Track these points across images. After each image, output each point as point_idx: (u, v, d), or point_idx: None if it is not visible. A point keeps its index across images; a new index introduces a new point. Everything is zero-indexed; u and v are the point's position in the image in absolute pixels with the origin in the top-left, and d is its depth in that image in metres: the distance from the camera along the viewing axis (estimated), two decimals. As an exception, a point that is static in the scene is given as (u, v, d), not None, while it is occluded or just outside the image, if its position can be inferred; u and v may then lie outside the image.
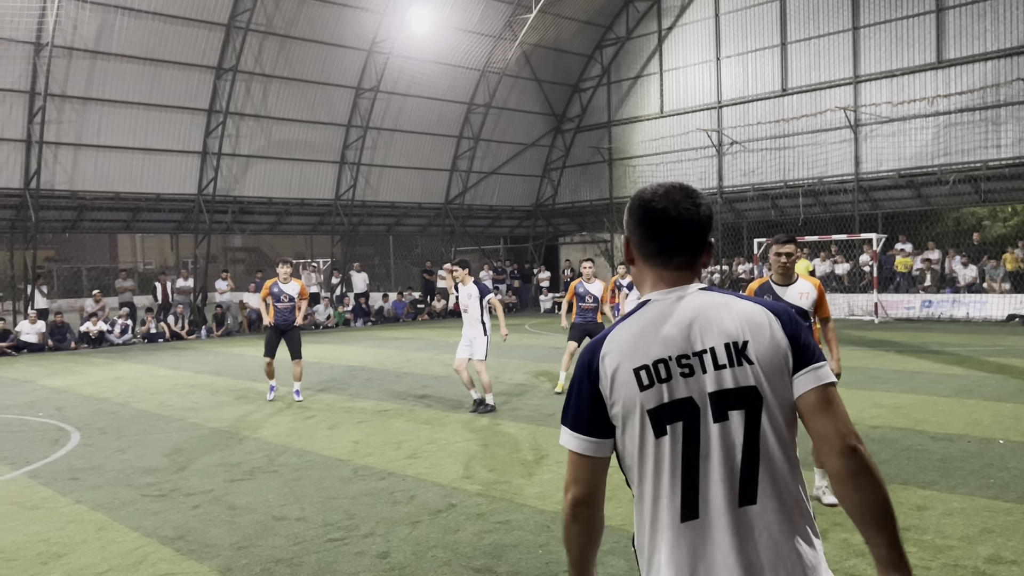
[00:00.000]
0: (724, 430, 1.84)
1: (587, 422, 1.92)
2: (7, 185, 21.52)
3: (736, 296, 1.96)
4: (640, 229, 2.00)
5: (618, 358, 1.89)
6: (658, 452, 1.86)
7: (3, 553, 5.39)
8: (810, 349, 1.91)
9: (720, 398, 1.85)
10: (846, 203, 25.76)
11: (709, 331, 1.88)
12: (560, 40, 30.17)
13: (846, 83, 25.16)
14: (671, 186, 2.03)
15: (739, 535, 1.82)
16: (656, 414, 1.85)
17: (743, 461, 1.84)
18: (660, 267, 1.98)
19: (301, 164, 26.83)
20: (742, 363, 1.86)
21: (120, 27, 21.72)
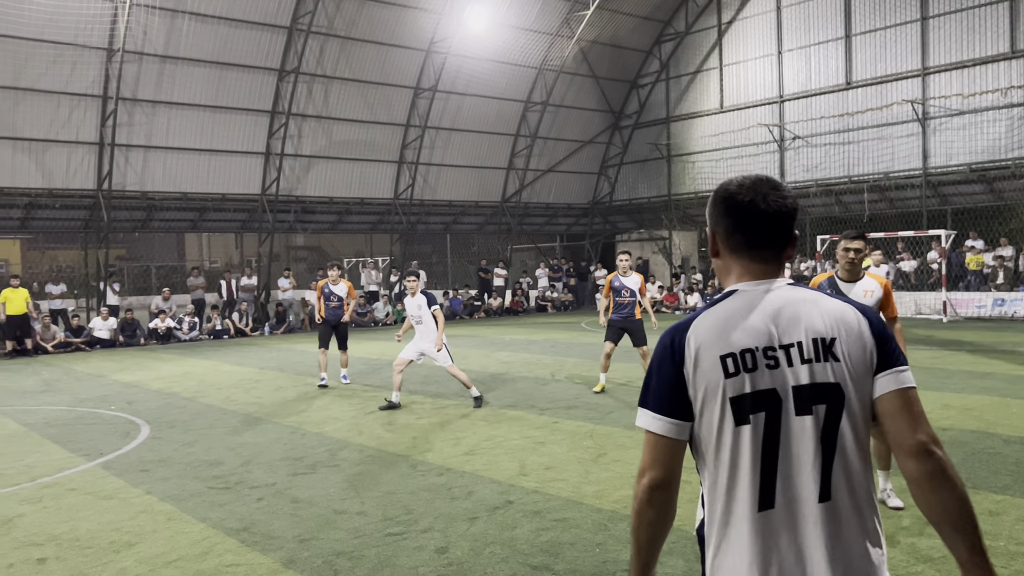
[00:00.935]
0: (805, 424, 1.86)
1: (669, 403, 1.91)
2: (81, 186, 22.32)
3: (823, 294, 1.98)
4: (726, 220, 2.01)
5: (704, 343, 1.90)
6: (737, 441, 1.87)
7: (79, 541, 5.60)
8: (895, 352, 1.92)
9: (804, 392, 1.87)
10: (913, 199, 25.04)
11: (797, 326, 1.91)
12: (618, 36, 29.98)
13: (914, 75, 24.46)
14: (757, 178, 2.03)
15: (812, 529, 1.84)
16: (738, 403, 1.86)
17: (821, 456, 1.86)
18: (747, 259, 2.00)
19: (361, 164, 27.21)
20: (828, 359, 1.89)
21: (187, 32, 22.34)
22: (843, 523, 1.85)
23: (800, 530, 1.84)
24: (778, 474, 1.85)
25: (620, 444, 7.91)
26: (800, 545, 1.83)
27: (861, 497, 1.88)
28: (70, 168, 22.07)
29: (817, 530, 1.84)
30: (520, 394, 11.24)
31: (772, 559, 1.83)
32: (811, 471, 1.85)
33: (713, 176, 29.85)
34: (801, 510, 1.85)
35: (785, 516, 1.85)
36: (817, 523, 1.84)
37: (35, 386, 13.92)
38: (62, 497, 6.73)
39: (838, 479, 1.86)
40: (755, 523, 1.85)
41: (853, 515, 1.86)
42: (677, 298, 28.01)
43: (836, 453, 1.87)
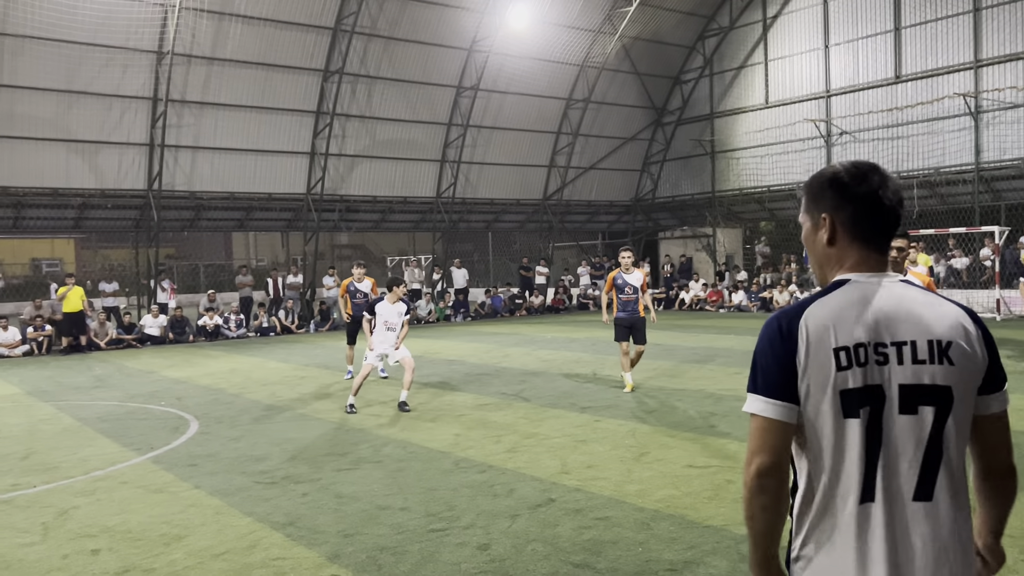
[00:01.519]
0: (911, 423, 1.86)
1: (780, 387, 1.88)
2: (132, 187, 22.85)
3: (939, 296, 1.98)
4: (851, 207, 1.97)
5: (817, 333, 1.88)
6: (843, 433, 1.86)
7: (131, 533, 5.74)
8: (1001, 370, 1.95)
9: (912, 391, 1.87)
10: (965, 194, 24.45)
11: (912, 324, 1.89)
12: (661, 32, 29.75)
13: (966, 68, 23.86)
14: (873, 167, 2.01)
15: (910, 527, 1.85)
16: (847, 396, 1.85)
17: (925, 456, 1.86)
18: (866, 248, 1.98)
19: (404, 163, 27.41)
20: (943, 362, 1.88)
21: (234, 34, 22.72)
22: (942, 524, 1.85)
23: (899, 527, 1.84)
24: (879, 469, 1.85)
25: (662, 443, 7.86)
26: (895, 542, 1.84)
27: (962, 502, 1.89)
28: (121, 169, 22.60)
29: (916, 527, 1.84)
30: (561, 392, 11.24)
31: (868, 553, 1.84)
32: (914, 470, 1.86)
33: (758, 173, 29.48)
34: (900, 508, 1.85)
35: (884, 512, 1.84)
36: (916, 523, 1.85)
37: (88, 382, 14.29)
38: (114, 490, 6.90)
39: (942, 481, 1.86)
40: (853, 515, 1.85)
41: (953, 519, 1.87)
42: (721, 296, 27.72)
43: (943, 456, 1.87)
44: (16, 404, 11.92)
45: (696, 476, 6.64)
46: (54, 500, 6.66)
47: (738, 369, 12.81)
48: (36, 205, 22.36)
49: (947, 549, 1.85)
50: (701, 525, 5.43)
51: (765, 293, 26.29)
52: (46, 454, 8.42)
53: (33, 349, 19.69)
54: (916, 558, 1.83)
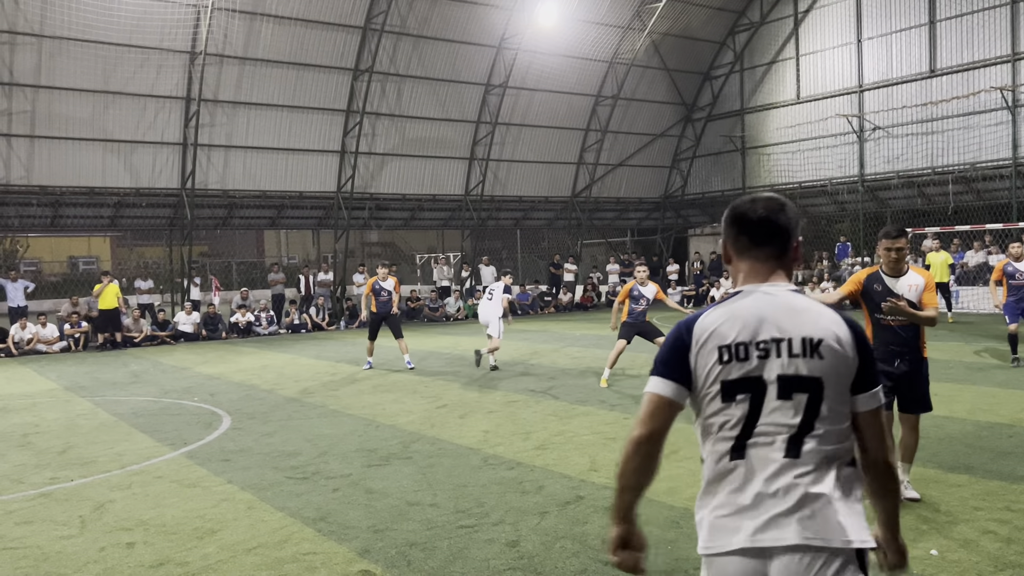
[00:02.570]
0: (784, 406, 2.20)
1: (674, 371, 2.28)
2: (167, 185, 23.18)
3: (820, 304, 2.29)
4: (733, 227, 2.35)
5: (707, 335, 2.25)
6: (726, 413, 2.24)
7: (165, 527, 5.84)
8: (873, 371, 2.26)
9: (787, 381, 2.20)
10: (1002, 190, 23.99)
11: (790, 324, 2.23)
12: (691, 28, 29.54)
13: (1003, 61, 23.41)
14: (759, 196, 2.36)
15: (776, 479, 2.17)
16: (728, 386, 2.23)
17: (795, 435, 2.19)
18: (749, 261, 2.33)
19: (433, 161, 27.50)
20: (814, 356, 2.20)
21: (265, 33, 22.94)
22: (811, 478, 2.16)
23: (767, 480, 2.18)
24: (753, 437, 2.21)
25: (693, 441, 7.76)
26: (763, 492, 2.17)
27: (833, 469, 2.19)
28: (156, 168, 22.93)
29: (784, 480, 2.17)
30: (590, 390, 11.22)
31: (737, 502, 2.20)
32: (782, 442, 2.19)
33: (789, 169, 29.17)
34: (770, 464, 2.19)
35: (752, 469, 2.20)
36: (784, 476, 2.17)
37: (124, 377, 14.53)
38: (149, 484, 7.02)
39: (808, 446, 2.18)
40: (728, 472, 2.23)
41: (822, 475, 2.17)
42: (751, 293, 27.45)
43: (814, 429, 2.19)
44: (55, 399, 12.16)
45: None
46: (91, 494, 6.79)
47: (769, 367, 12.67)
48: (73, 204, 22.78)
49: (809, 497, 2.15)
50: (731, 524, 5.39)
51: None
52: (84, 448, 8.58)
53: (70, 345, 20.06)
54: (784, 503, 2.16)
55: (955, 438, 7.58)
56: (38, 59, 20.50)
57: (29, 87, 20.61)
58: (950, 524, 5.23)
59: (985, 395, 9.68)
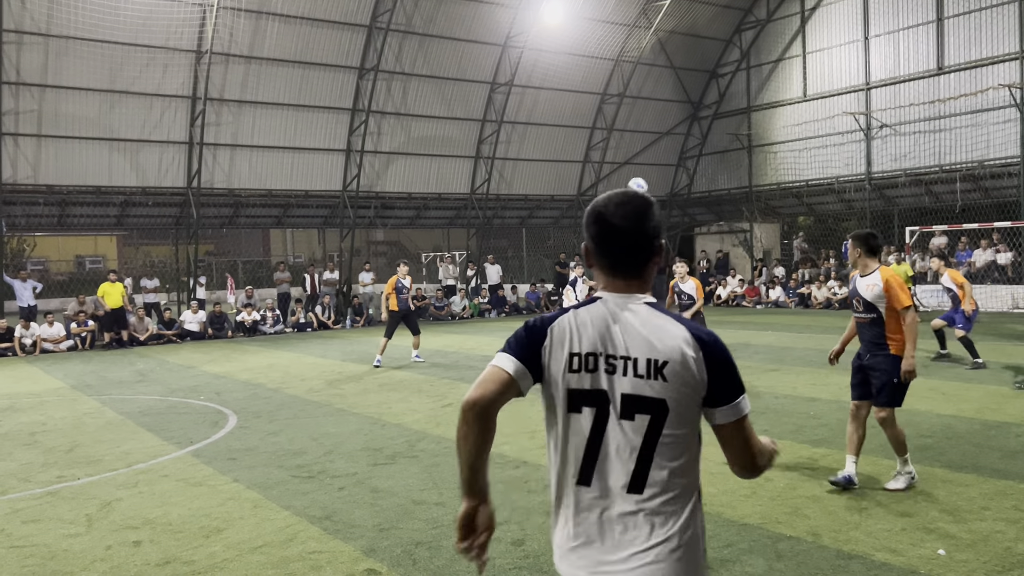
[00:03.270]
0: (627, 427, 2.14)
1: (523, 353, 2.21)
2: (173, 184, 23.23)
3: (674, 318, 2.20)
4: (591, 231, 2.24)
5: (562, 338, 2.19)
6: (570, 425, 2.19)
7: (171, 526, 5.84)
8: (730, 382, 2.18)
9: (631, 400, 2.14)
10: (1010, 188, 23.88)
11: (640, 342, 2.15)
12: (697, 25, 29.48)
13: (1011, 58, 23.30)
14: (622, 199, 2.23)
15: (616, 510, 2.13)
16: (574, 395, 2.18)
17: (639, 457, 2.13)
18: (611, 275, 2.24)
19: (438, 160, 27.50)
20: (658, 378, 2.13)
21: (271, 32, 22.97)
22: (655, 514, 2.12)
23: (609, 511, 2.13)
24: (598, 461, 2.16)
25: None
26: (604, 522, 2.13)
27: (680, 499, 2.16)
28: (162, 167, 22.98)
29: (623, 511, 2.13)
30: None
31: (582, 527, 2.16)
32: (625, 466, 2.13)
33: (796, 167, 29.09)
34: (613, 497, 2.14)
35: (596, 496, 2.15)
36: (625, 512, 2.12)
37: (130, 376, 14.56)
38: (155, 483, 7.03)
39: (653, 479, 2.13)
40: (575, 494, 2.18)
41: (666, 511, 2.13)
42: (758, 292, 27.42)
43: (655, 457, 2.13)
44: (61, 398, 12.19)
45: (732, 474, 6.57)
46: (98, 492, 6.80)
47: (775, 366, 12.67)
48: (80, 203, 22.84)
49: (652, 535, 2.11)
50: (738, 523, 5.38)
51: (803, 289, 25.96)
52: (90, 447, 8.60)
53: (77, 344, 20.11)
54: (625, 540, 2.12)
55: (963, 437, 7.54)
56: (45, 58, 20.56)
57: (36, 86, 20.67)
58: (958, 523, 5.21)
59: (993, 394, 9.64)
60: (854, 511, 5.54)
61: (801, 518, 5.44)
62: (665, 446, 2.14)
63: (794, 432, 8.01)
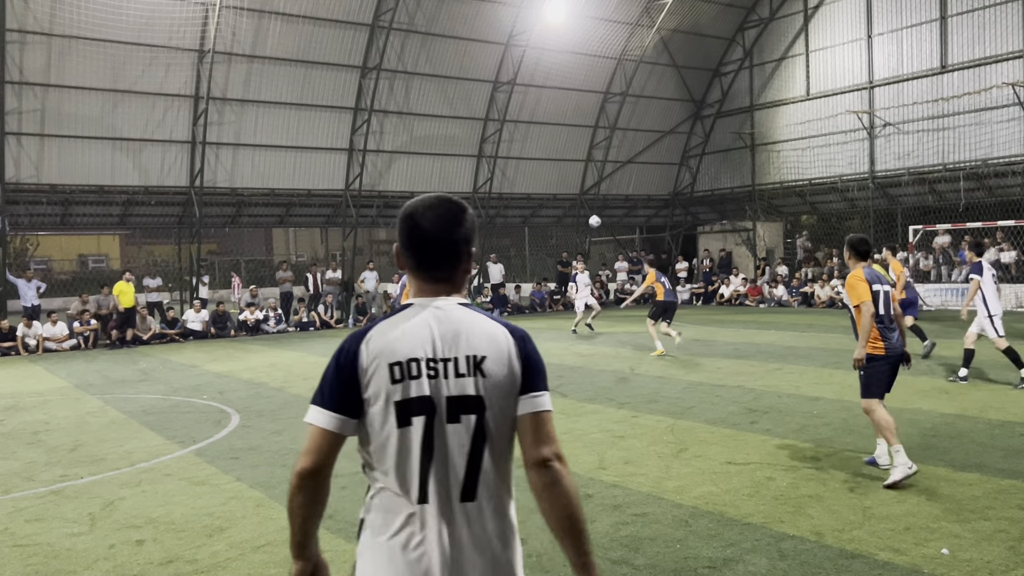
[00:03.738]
0: (455, 431, 2.11)
1: (338, 401, 2.12)
2: (175, 184, 23.24)
3: (486, 316, 2.22)
4: (403, 236, 2.23)
5: (378, 351, 2.11)
6: (401, 440, 2.10)
7: (174, 525, 5.85)
8: (537, 376, 2.19)
9: (455, 402, 2.11)
10: (1014, 187, 23.83)
11: (458, 343, 2.14)
12: (700, 24, 29.44)
13: (1015, 56, 23.24)
14: (436, 202, 2.22)
15: (456, 525, 2.09)
16: (401, 406, 2.09)
17: (469, 462, 2.12)
18: (421, 279, 2.23)
19: (441, 159, 27.50)
20: (477, 375, 2.12)
21: (274, 31, 22.97)
22: (485, 522, 2.12)
23: (446, 526, 2.09)
24: (431, 474, 2.09)
25: (702, 439, 7.79)
26: (447, 537, 2.08)
27: (500, 502, 2.16)
28: (164, 166, 23.00)
29: (463, 526, 2.10)
30: (599, 388, 11.20)
31: (418, 549, 2.07)
32: (457, 473, 2.11)
33: (799, 166, 29.04)
34: (448, 508, 2.09)
35: (435, 512, 2.09)
36: (461, 521, 2.10)
37: (133, 375, 14.58)
38: (158, 482, 7.03)
39: (483, 484, 2.13)
40: (411, 515, 2.09)
41: (492, 517, 2.14)
42: (761, 291, 27.38)
43: (483, 460, 2.13)
44: (65, 397, 12.21)
45: (735, 473, 6.57)
46: (101, 491, 6.81)
47: (779, 365, 12.66)
48: (83, 202, 22.86)
49: (489, 544, 2.12)
50: (740, 522, 5.38)
51: (806, 288, 25.92)
52: (93, 446, 8.61)
53: (80, 343, 20.15)
54: (465, 552, 2.08)
55: (966, 436, 7.53)
56: (47, 58, 20.57)
57: (39, 86, 20.69)
58: (961, 523, 5.20)
59: (997, 393, 9.62)
60: (857, 510, 5.53)
61: (804, 517, 5.43)
62: (490, 446, 2.15)
63: (797, 431, 8.00)
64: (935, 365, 12.06)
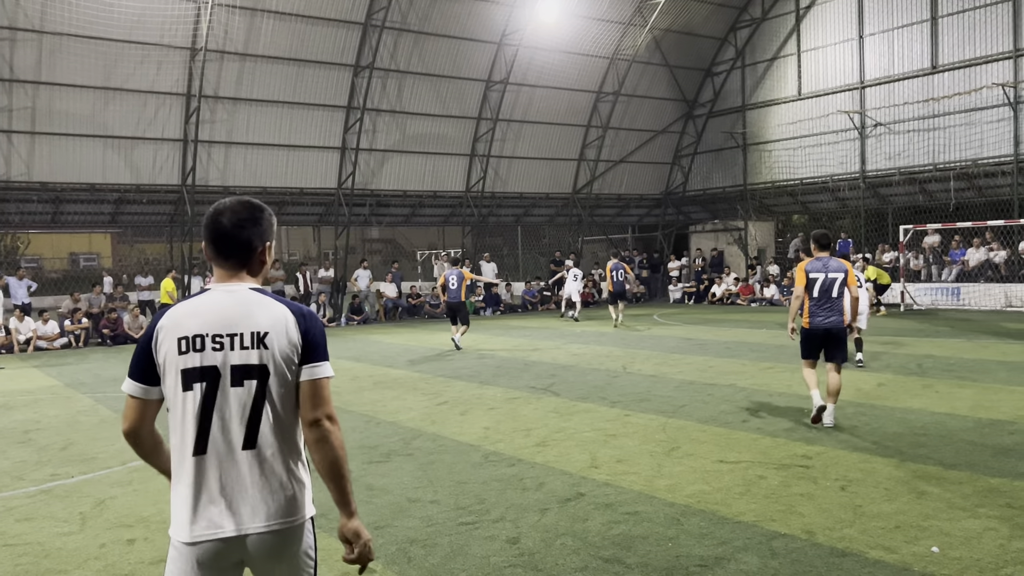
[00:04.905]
0: (237, 393, 2.51)
1: (141, 372, 2.57)
2: (167, 182, 23.17)
3: (274, 298, 2.61)
4: (205, 233, 2.65)
5: (170, 327, 2.54)
6: (185, 402, 2.52)
7: (166, 524, 5.81)
8: (316, 348, 2.59)
9: (239, 370, 2.51)
10: (1004, 186, 23.96)
11: (245, 320, 2.54)
12: (692, 24, 29.50)
13: (1005, 57, 23.36)
14: (235, 203, 2.66)
15: (240, 469, 2.51)
16: (186, 374, 2.51)
17: (250, 417, 2.52)
18: (217, 267, 2.65)
19: (434, 157, 27.49)
20: (259, 347, 2.53)
21: (266, 30, 22.91)
22: (266, 464, 2.53)
23: (227, 470, 2.50)
24: (211, 428, 2.50)
25: (693, 438, 7.82)
26: (225, 481, 2.50)
27: (283, 449, 2.56)
28: (156, 164, 22.92)
29: (243, 467, 2.51)
30: (591, 386, 11.22)
31: (203, 492, 2.50)
32: (239, 427, 2.51)
33: (791, 165, 29.13)
34: (230, 456, 2.51)
35: (214, 460, 2.51)
36: (244, 465, 2.51)
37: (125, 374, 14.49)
38: (150, 481, 7.01)
39: (264, 434, 2.53)
40: (193, 465, 2.51)
41: (276, 459, 2.54)
42: (753, 290, 27.46)
43: (263, 416, 2.52)
44: (56, 396, 12.16)
45: (727, 471, 6.60)
46: (92, 490, 6.79)
47: (770, 364, 12.70)
48: (74, 200, 22.77)
49: (268, 483, 2.53)
50: (732, 521, 5.40)
51: (798, 287, 25.96)
52: (84, 445, 8.58)
53: (71, 342, 20.07)
54: (247, 491, 2.50)
55: (956, 435, 7.57)
56: (38, 55, 20.48)
57: (30, 83, 20.59)
58: (952, 521, 5.23)
59: (987, 392, 9.68)
60: (848, 509, 5.56)
61: (795, 516, 5.45)
62: (271, 405, 2.53)
63: (788, 430, 8.03)
64: (927, 366, 12.12)
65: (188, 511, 2.49)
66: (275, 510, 2.52)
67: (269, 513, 2.51)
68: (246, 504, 2.49)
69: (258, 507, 2.50)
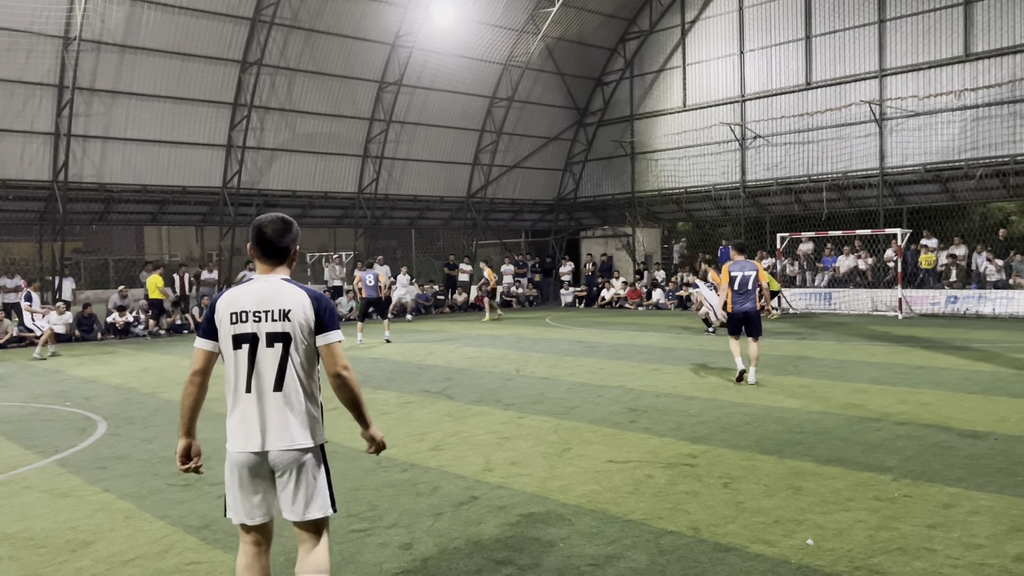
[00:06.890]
0: (270, 352, 3.58)
1: (207, 333, 3.67)
2: (36, 177, 21.84)
3: (298, 286, 3.66)
4: (252, 238, 3.71)
5: (225, 305, 3.63)
6: (237, 357, 3.61)
7: (33, 540, 5.49)
8: (328, 322, 3.63)
9: (270, 336, 3.58)
10: (871, 198, 25.52)
11: (275, 301, 3.60)
12: (583, 33, 30.08)
13: (871, 76, 24.91)
14: (275, 218, 3.72)
15: (270, 403, 3.58)
16: (236, 338, 3.60)
17: (278, 369, 3.58)
18: (260, 262, 3.71)
19: (325, 158, 26.98)
20: (284, 320, 3.58)
21: (147, 21, 21.95)
22: (289, 402, 3.58)
23: (264, 404, 3.57)
24: (254, 375, 3.58)
25: (585, 439, 7.95)
26: (262, 411, 3.57)
27: (301, 395, 3.61)
28: (24, 158, 21.56)
29: (273, 404, 3.57)
30: (485, 389, 11.25)
31: (248, 418, 3.59)
32: (271, 376, 3.57)
33: (676, 174, 30.09)
34: (265, 394, 3.58)
35: (256, 397, 3.58)
36: (273, 401, 3.57)
37: (-12, 382, 13.58)
38: (16, 495, 6.59)
39: (288, 381, 3.58)
40: (243, 400, 3.60)
41: (296, 400, 3.59)
42: (640, 294, 28.21)
43: (287, 368, 3.58)
44: (-93, 406, 11.25)
45: (617, 471, 6.74)
46: (-50, 507, 6.31)
47: (657, 365, 13.06)
48: (-70, 195, 21.17)
49: (289, 414, 3.58)
50: (622, 519, 5.52)
51: (682, 292, 26.87)
52: (-59, 458, 7.96)
53: (-74, 347, 18.62)
54: (274, 420, 3.56)
55: (829, 432, 7.99)
56: None
57: None
58: (825, 515, 5.51)
59: (857, 391, 10.25)
60: (731, 505, 5.77)
61: (682, 513, 5.62)
62: (293, 362, 3.58)
63: (675, 430, 8.28)
64: (803, 367, 12.73)
65: (235, 431, 3.60)
66: (292, 435, 3.56)
67: (287, 437, 3.56)
68: (273, 429, 3.55)
69: (282, 432, 3.56)
